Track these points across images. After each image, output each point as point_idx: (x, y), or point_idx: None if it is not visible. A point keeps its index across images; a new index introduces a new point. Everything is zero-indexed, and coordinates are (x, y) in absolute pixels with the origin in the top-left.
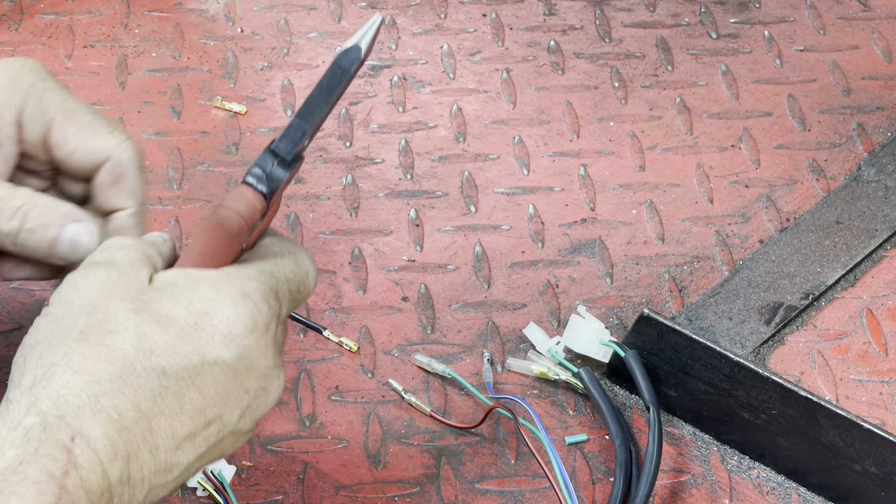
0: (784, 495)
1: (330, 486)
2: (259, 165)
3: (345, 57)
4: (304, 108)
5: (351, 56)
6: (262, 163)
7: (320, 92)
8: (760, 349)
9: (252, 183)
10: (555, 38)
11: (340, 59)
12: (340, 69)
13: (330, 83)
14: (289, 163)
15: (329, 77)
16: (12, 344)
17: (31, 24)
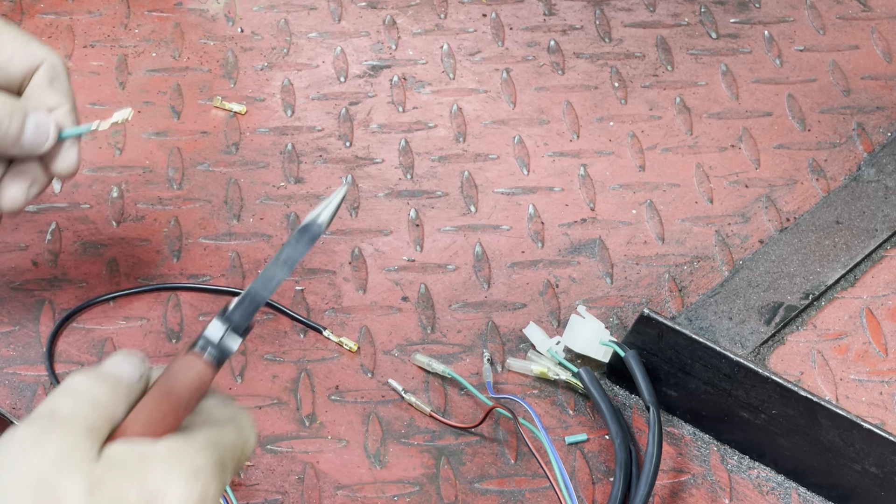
0: (784, 495)
1: (330, 486)
2: (210, 333)
3: (306, 230)
4: (261, 278)
5: (313, 231)
6: (214, 330)
7: (279, 263)
8: (760, 349)
9: (202, 352)
10: (555, 38)
11: (302, 231)
12: (301, 242)
13: (290, 255)
14: (242, 332)
15: (290, 249)
16: (12, 344)
17: (31, 23)
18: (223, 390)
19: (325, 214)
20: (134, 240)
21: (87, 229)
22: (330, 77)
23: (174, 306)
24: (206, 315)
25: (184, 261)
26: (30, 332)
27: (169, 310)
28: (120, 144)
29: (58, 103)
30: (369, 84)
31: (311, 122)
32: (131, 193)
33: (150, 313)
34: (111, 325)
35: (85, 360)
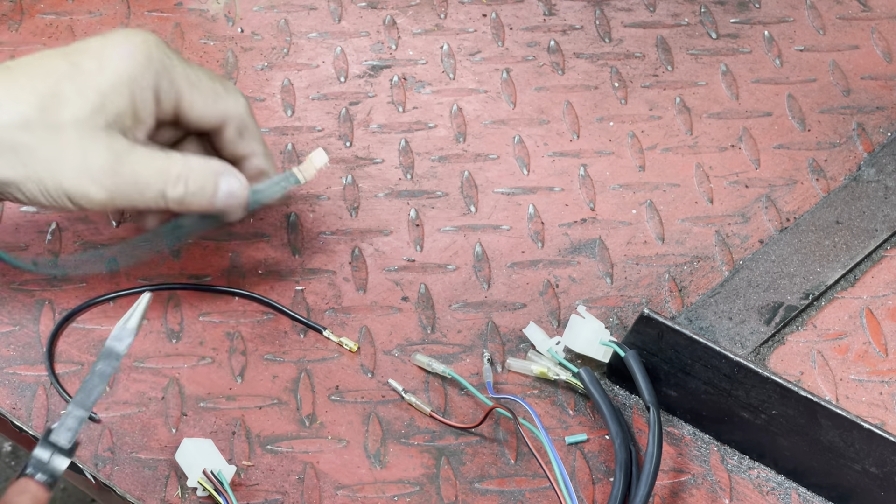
0: (784, 495)
1: (330, 486)
2: (38, 456)
3: (118, 341)
4: (79, 395)
5: (125, 340)
6: (41, 454)
7: (94, 377)
8: (760, 349)
9: (33, 475)
10: (555, 38)
11: (113, 342)
12: (114, 352)
13: (104, 367)
14: (68, 451)
15: (102, 361)
16: (12, 344)
17: (32, 24)
18: (223, 391)
19: (133, 320)
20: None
21: (87, 229)
22: (330, 77)
23: (174, 306)
24: (205, 315)
25: (184, 261)
26: (30, 332)
27: (169, 310)
28: None
29: (250, 151)
30: (369, 84)
31: (311, 122)
32: None
33: (150, 313)
34: (111, 325)
35: (85, 360)
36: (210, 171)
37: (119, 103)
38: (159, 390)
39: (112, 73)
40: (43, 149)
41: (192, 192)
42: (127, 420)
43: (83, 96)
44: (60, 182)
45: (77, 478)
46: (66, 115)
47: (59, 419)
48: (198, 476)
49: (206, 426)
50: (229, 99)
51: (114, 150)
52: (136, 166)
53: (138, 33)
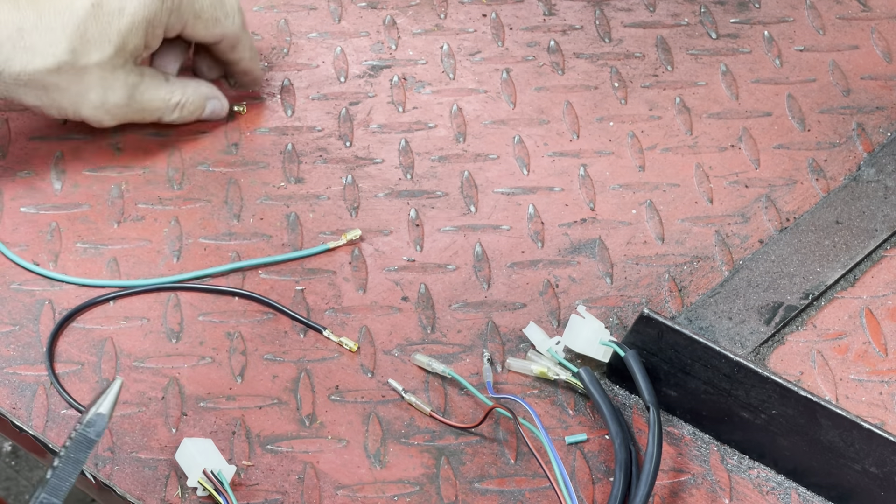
0: (784, 495)
1: (330, 486)
2: None
3: (90, 427)
4: (52, 482)
5: (98, 426)
6: None
7: (68, 464)
8: (760, 349)
9: None
10: (555, 38)
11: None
12: (87, 440)
13: (77, 455)
14: None
15: (75, 449)
16: (12, 344)
17: None
18: (224, 391)
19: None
20: (134, 240)
21: (87, 229)
22: (330, 77)
23: (174, 306)
24: (205, 315)
25: (184, 261)
26: (30, 332)
27: (169, 310)
28: (120, 144)
29: (239, 58)
30: (369, 84)
31: (311, 122)
32: (131, 193)
33: (150, 313)
34: (111, 325)
35: (85, 360)
36: (201, 96)
37: (135, 42)
38: (159, 390)
39: (130, 15)
40: (71, 87)
41: (184, 115)
42: (127, 420)
43: (107, 39)
44: (80, 112)
45: (77, 478)
46: (92, 58)
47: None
48: (198, 476)
49: (206, 426)
50: (226, 22)
51: (128, 85)
52: (145, 97)
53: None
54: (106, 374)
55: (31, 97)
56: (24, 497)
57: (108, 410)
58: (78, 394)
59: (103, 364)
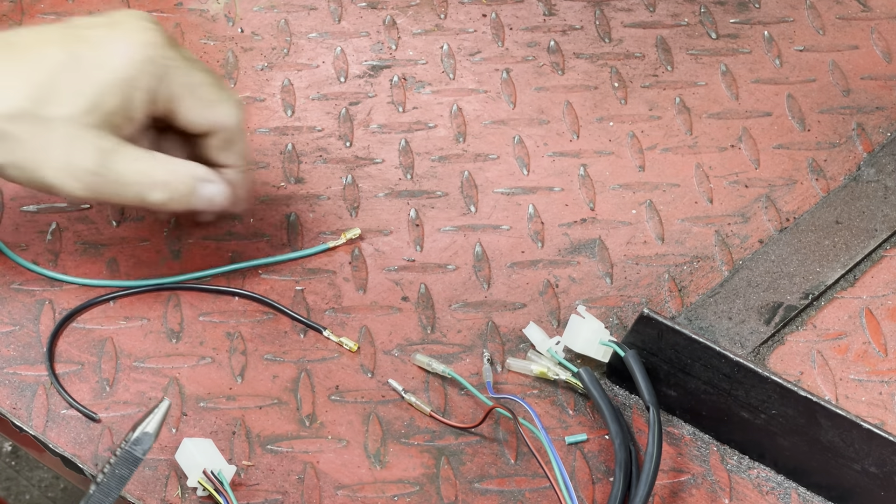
0: (784, 495)
1: (330, 485)
2: None
3: (137, 445)
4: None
5: (144, 444)
6: None
7: (112, 480)
8: (760, 349)
9: None
10: (555, 38)
11: (133, 447)
12: (133, 457)
13: (122, 471)
14: None
15: (120, 465)
16: (12, 344)
17: (32, 24)
18: (224, 391)
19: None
20: (134, 240)
21: (87, 229)
22: (330, 77)
23: (174, 306)
24: (206, 315)
25: (184, 261)
26: (30, 332)
27: (169, 310)
28: None
29: (230, 163)
30: (369, 84)
31: (311, 122)
32: None
33: (150, 313)
34: (111, 325)
35: (85, 360)
36: (191, 177)
37: (112, 103)
38: (159, 390)
39: (110, 71)
40: (31, 141)
41: (172, 198)
42: (127, 420)
43: (78, 93)
44: (43, 174)
45: (77, 478)
46: (59, 111)
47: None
48: (198, 476)
49: (206, 426)
50: (222, 109)
51: (99, 149)
52: (120, 167)
53: (143, 30)
54: (106, 375)
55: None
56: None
57: (154, 430)
58: (78, 394)
59: (103, 364)
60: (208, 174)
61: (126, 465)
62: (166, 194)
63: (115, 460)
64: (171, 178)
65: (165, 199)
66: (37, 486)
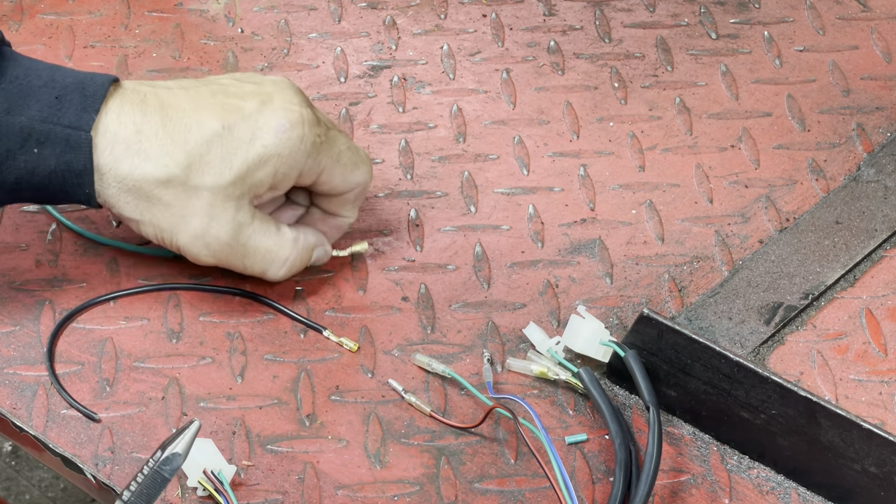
0: (784, 495)
1: (330, 485)
2: None
3: (166, 466)
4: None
5: (173, 465)
6: None
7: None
8: (760, 349)
9: None
10: (555, 38)
11: (161, 467)
12: (161, 477)
13: (150, 490)
14: None
15: (148, 484)
16: (13, 344)
17: (32, 24)
18: (224, 391)
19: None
20: (134, 240)
21: (87, 229)
22: (330, 77)
23: (174, 306)
24: (206, 315)
25: (184, 261)
26: (30, 332)
27: (169, 310)
28: None
29: (346, 214)
30: (369, 84)
31: None
32: None
33: (151, 313)
34: (111, 325)
35: (85, 360)
36: (309, 248)
37: (260, 177)
38: (159, 390)
39: (262, 146)
40: (175, 207)
41: (291, 271)
42: (127, 420)
43: (228, 165)
44: (177, 238)
45: (77, 478)
46: (207, 181)
47: None
48: (198, 476)
49: (206, 426)
50: (361, 171)
51: (237, 223)
52: (251, 242)
53: (293, 106)
54: (106, 375)
55: (131, 207)
56: (24, 497)
57: (184, 451)
58: (78, 394)
59: (103, 364)
60: (319, 238)
61: (154, 485)
62: (286, 269)
63: (142, 479)
64: (294, 256)
65: (286, 273)
66: (37, 486)
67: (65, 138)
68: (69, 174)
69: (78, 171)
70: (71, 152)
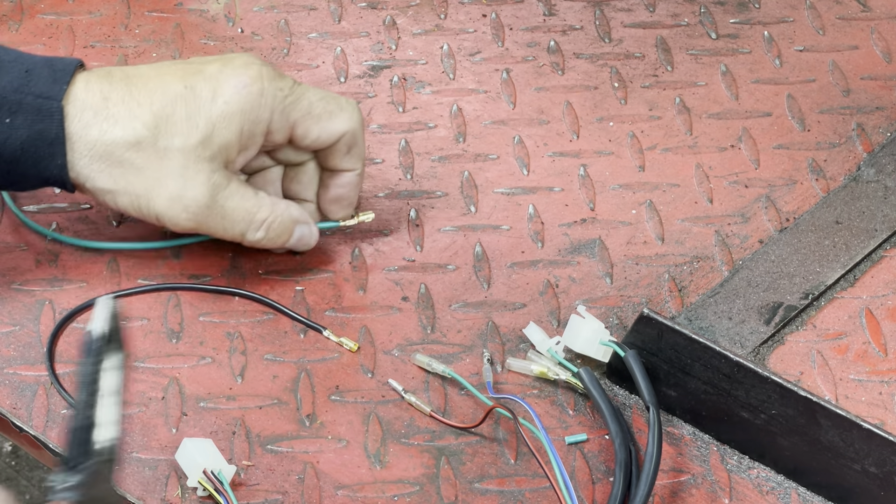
0: (784, 495)
1: (330, 485)
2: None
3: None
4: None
5: (92, 340)
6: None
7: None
8: (760, 349)
9: None
10: (555, 38)
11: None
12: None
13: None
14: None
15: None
16: (13, 344)
17: (32, 24)
18: (224, 391)
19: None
20: (134, 240)
21: (87, 229)
22: (330, 77)
23: (174, 306)
24: (205, 315)
25: (184, 261)
26: (30, 332)
27: (169, 310)
28: None
29: (350, 167)
30: (369, 84)
31: None
32: None
33: (151, 313)
34: None
35: None
36: (290, 219)
37: (226, 135)
38: (159, 390)
39: (224, 103)
40: (147, 170)
41: (269, 237)
42: (127, 420)
43: (194, 124)
44: (154, 204)
45: None
46: (176, 142)
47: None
48: (198, 476)
49: (206, 426)
50: (341, 117)
51: (212, 184)
52: (227, 204)
53: (253, 64)
54: None
55: (105, 176)
56: (24, 497)
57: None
58: None
59: None
60: (303, 216)
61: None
62: (265, 234)
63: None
64: (272, 219)
65: (263, 238)
66: (37, 486)
67: (36, 107)
68: (41, 143)
69: (50, 139)
70: (42, 121)
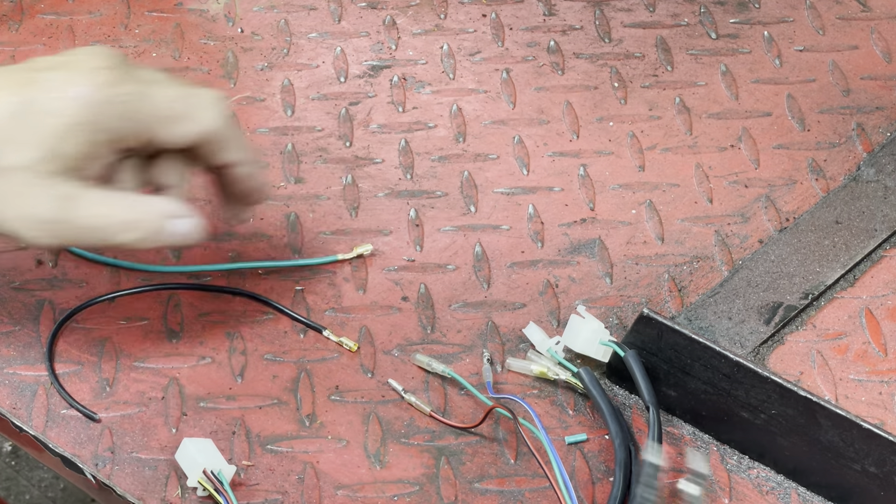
0: (783, 495)
1: (330, 485)
2: None
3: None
4: None
5: None
6: None
7: None
8: (760, 349)
9: None
10: (555, 38)
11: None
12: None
13: None
14: None
15: None
16: (12, 344)
17: (32, 24)
18: (224, 391)
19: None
20: None
21: None
22: (330, 77)
23: (174, 306)
24: (205, 315)
25: (184, 261)
26: (30, 332)
27: (169, 310)
28: None
29: (232, 160)
30: (369, 84)
31: (311, 122)
32: None
33: (150, 313)
34: (111, 325)
35: (85, 360)
36: (159, 215)
37: (69, 149)
38: (159, 390)
39: (65, 117)
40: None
41: (141, 237)
42: (127, 420)
43: (32, 142)
44: (8, 225)
45: (77, 478)
46: (14, 160)
47: None
48: (198, 476)
49: (206, 426)
50: (198, 116)
51: (56, 197)
52: (79, 213)
53: (100, 70)
54: (106, 375)
55: None
56: (24, 497)
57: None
58: (78, 394)
59: (103, 364)
60: (179, 209)
61: None
62: (134, 235)
63: None
64: (136, 218)
65: (134, 239)
66: (37, 486)
67: None
68: None
69: None
70: None
